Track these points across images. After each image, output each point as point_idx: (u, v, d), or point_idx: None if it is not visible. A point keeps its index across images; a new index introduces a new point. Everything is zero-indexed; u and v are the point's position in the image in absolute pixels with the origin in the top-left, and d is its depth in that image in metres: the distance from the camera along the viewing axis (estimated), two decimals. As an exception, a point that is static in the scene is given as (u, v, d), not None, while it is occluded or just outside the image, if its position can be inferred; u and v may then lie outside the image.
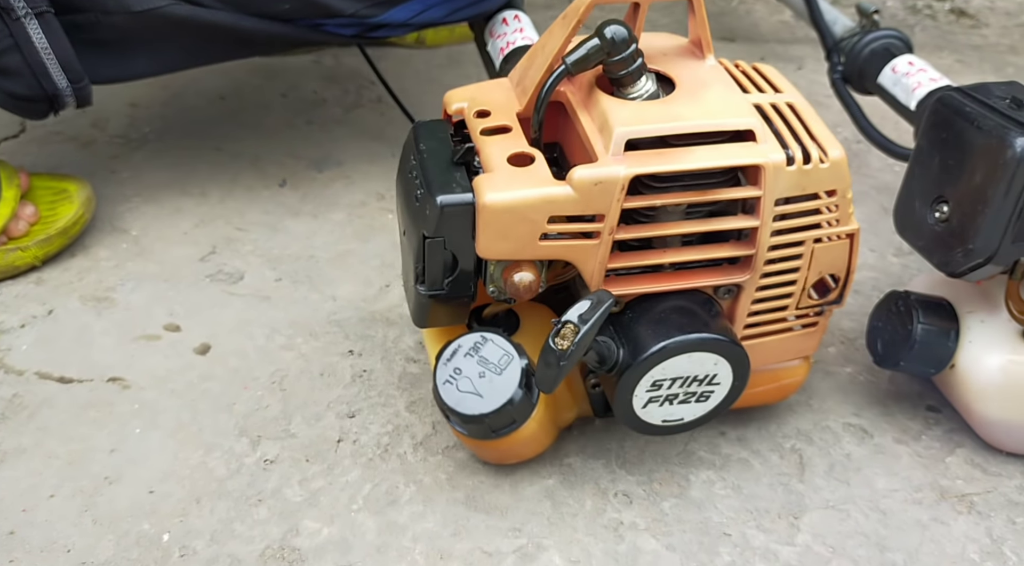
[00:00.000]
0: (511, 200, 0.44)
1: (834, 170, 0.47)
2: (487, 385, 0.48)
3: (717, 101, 0.48)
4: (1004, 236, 0.49)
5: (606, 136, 0.45)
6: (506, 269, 0.47)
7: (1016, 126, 0.48)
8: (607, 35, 0.46)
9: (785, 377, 0.57)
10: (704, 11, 0.49)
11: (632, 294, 0.49)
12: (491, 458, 0.54)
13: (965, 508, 0.54)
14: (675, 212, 0.48)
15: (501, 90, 0.51)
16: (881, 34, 0.85)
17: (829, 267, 0.51)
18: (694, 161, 0.45)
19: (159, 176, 0.81)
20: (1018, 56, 1.22)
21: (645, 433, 0.51)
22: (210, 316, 0.65)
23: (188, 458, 0.54)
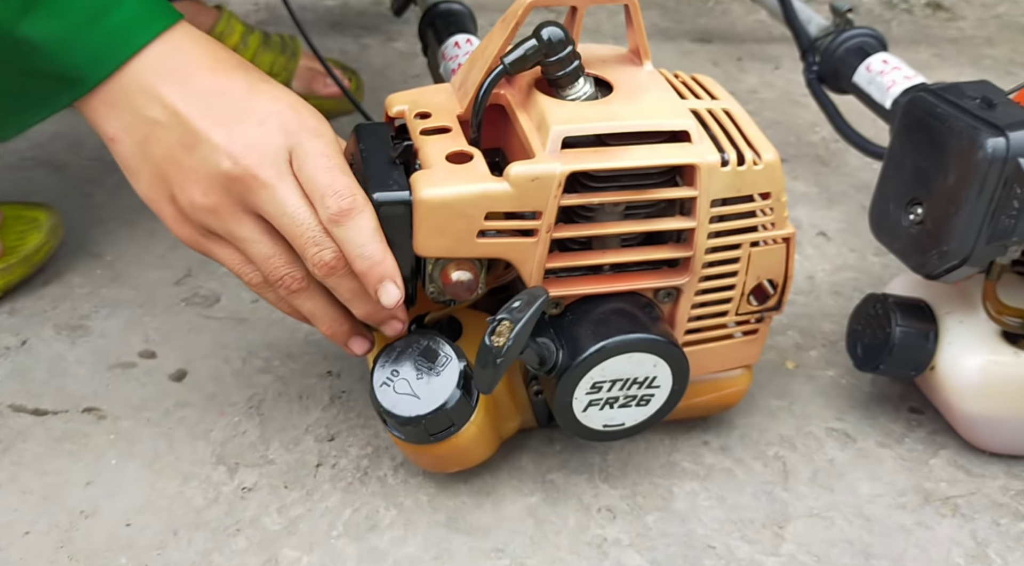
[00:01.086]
0: (448, 195, 0.44)
1: (768, 172, 0.48)
2: (424, 387, 0.48)
3: (654, 103, 0.48)
4: (978, 237, 0.49)
5: (543, 134, 0.46)
6: (445, 268, 0.47)
7: (987, 127, 0.48)
8: (544, 36, 0.46)
9: (727, 387, 0.56)
10: (640, 18, 0.50)
11: (572, 296, 0.49)
12: (430, 465, 0.53)
13: (949, 511, 0.54)
14: (613, 212, 0.48)
15: (443, 94, 0.52)
16: (855, 33, 0.85)
17: (767, 272, 0.51)
18: (630, 159, 0.46)
19: (134, 199, 0.79)
20: (994, 48, 1.22)
21: (587, 439, 0.51)
22: (186, 341, 0.64)
23: (165, 488, 0.53)
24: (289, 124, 0.46)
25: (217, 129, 0.45)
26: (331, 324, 0.50)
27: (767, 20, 1.28)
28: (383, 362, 0.49)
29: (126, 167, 0.49)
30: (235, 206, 0.46)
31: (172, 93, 0.46)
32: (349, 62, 1.10)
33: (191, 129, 0.45)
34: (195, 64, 0.47)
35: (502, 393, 0.53)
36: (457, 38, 0.73)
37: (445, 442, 0.49)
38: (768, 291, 0.52)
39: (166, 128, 0.46)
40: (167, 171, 0.47)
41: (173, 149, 0.46)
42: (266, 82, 0.48)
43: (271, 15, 1.22)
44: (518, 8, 0.46)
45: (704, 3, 1.36)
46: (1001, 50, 1.22)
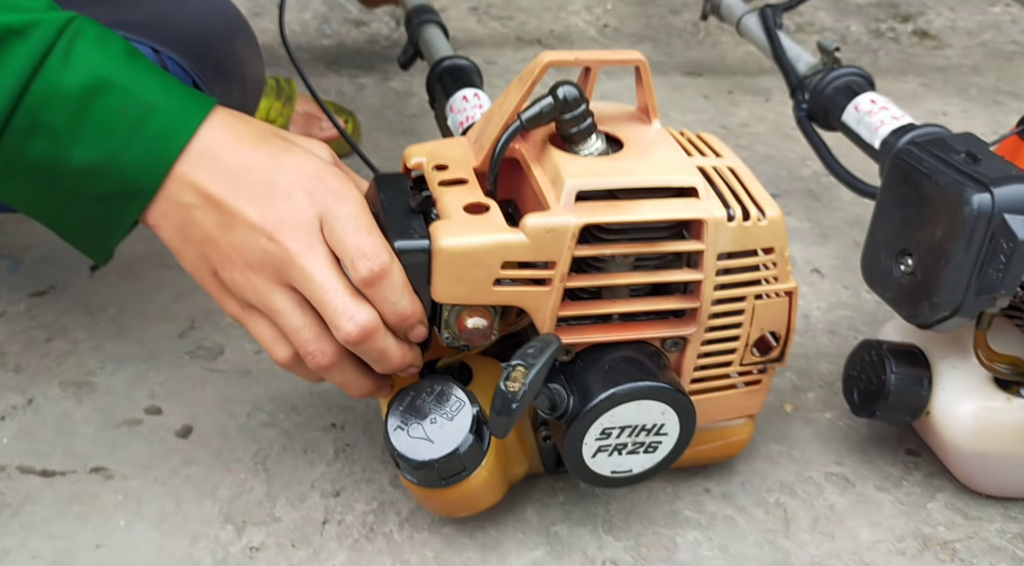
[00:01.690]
0: (466, 245, 0.46)
1: (772, 228, 0.50)
2: (438, 431, 0.49)
3: (663, 160, 0.51)
4: (967, 290, 0.50)
5: (558, 187, 0.48)
6: (460, 314, 0.48)
7: (972, 182, 0.49)
8: (559, 94, 0.49)
9: (732, 435, 0.58)
10: (650, 78, 0.52)
11: (582, 343, 0.50)
12: (440, 510, 0.54)
13: (948, 556, 0.54)
14: (623, 264, 0.50)
15: (459, 147, 0.54)
16: (843, 72, 0.86)
17: (770, 324, 0.52)
18: (641, 213, 0.48)
19: (136, 249, 0.81)
20: (980, 77, 1.24)
21: (595, 485, 0.52)
22: (191, 396, 0.65)
23: (174, 550, 0.54)
24: (315, 193, 0.47)
25: (250, 208, 0.47)
26: (359, 388, 0.51)
27: (757, 52, 1.29)
28: (397, 406, 0.51)
29: (170, 248, 0.51)
30: (271, 280, 0.47)
31: (202, 177, 0.47)
32: (346, 102, 1.12)
33: (226, 210, 0.47)
34: (219, 144, 0.48)
35: (511, 438, 0.54)
36: (464, 92, 0.76)
37: (457, 486, 0.50)
38: (771, 343, 0.54)
39: (201, 211, 0.47)
40: (208, 251, 0.48)
41: (211, 231, 0.48)
42: (287, 152, 0.49)
43: (269, 55, 1.23)
44: (535, 67, 0.49)
45: (694, 36, 1.38)
46: (987, 78, 1.24)
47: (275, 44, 1.26)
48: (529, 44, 1.32)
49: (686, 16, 1.44)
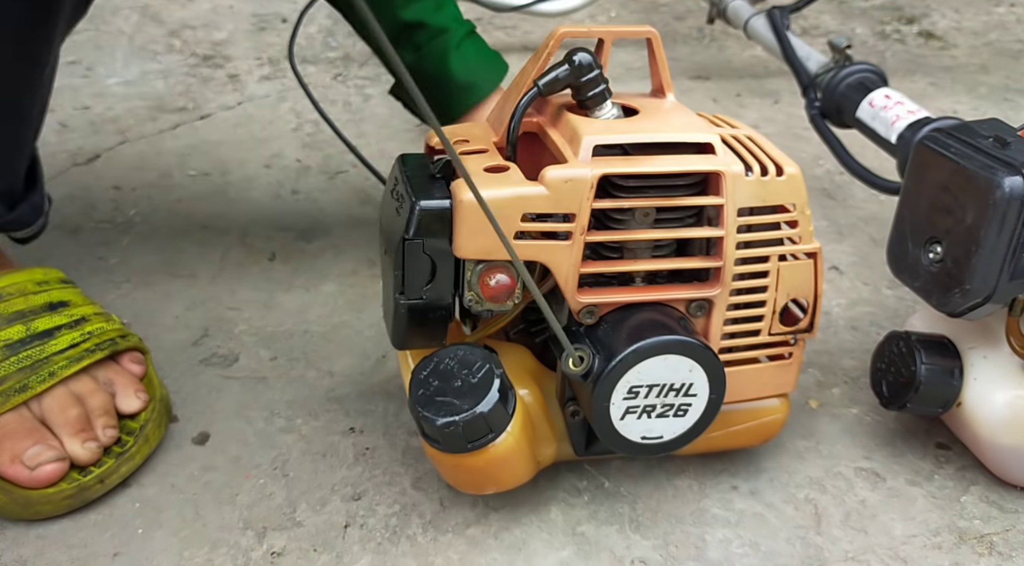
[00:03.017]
0: (487, 196, 0.46)
1: (791, 184, 0.50)
2: (462, 393, 0.49)
3: (678, 121, 0.52)
4: (1000, 275, 0.49)
5: (575, 144, 0.49)
6: (483, 273, 0.49)
7: (1003, 166, 0.48)
8: (575, 59, 0.50)
9: (765, 415, 0.57)
10: (663, 52, 0.53)
11: (606, 305, 0.50)
12: (466, 482, 0.53)
13: (985, 550, 0.53)
14: (644, 221, 0.50)
15: (479, 127, 0.55)
16: (855, 68, 0.86)
17: (796, 289, 0.52)
18: (658, 165, 0.49)
19: (148, 259, 0.80)
20: (989, 75, 1.24)
21: (624, 451, 0.51)
22: (207, 403, 0.64)
23: (194, 557, 0.52)
24: None
25: None
26: None
27: (764, 55, 1.29)
28: (420, 371, 0.50)
29: None
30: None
31: None
32: (353, 113, 1.12)
33: None
34: None
35: (539, 415, 0.54)
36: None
37: (482, 452, 0.49)
38: (797, 315, 0.53)
39: None
40: None
41: None
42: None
43: (275, 69, 1.23)
44: (549, 39, 0.51)
45: (700, 41, 1.38)
46: (995, 77, 1.24)
47: (281, 58, 1.27)
48: (535, 51, 1.32)
49: (691, 22, 1.44)
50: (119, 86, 1.16)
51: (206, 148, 1.01)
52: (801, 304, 0.54)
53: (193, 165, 0.97)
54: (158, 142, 1.02)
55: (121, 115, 1.08)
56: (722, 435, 0.55)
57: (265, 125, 1.07)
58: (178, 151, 1.00)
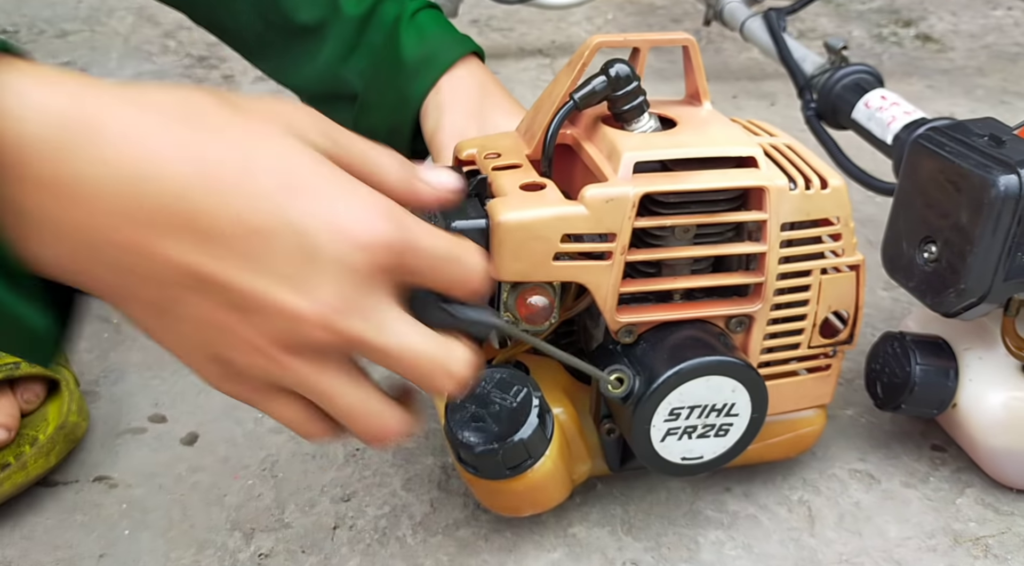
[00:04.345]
0: (525, 219, 0.45)
1: (835, 197, 0.49)
2: (500, 419, 0.48)
3: (719, 133, 0.50)
4: (995, 275, 0.48)
5: (615, 161, 0.47)
6: (520, 294, 0.47)
7: (998, 164, 0.48)
8: (612, 72, 0.48)
9: (802, 427, 0.56)
10: (700, 59, 0.51)
11: (644, 323, 0.49)
12: (504, 506, 0.52)
13: (981, 552, 0.53)
14: (684, 238, 0.49)
15: (509, 138, 0.53)
16: (851, 70, 0.86)
17: (837, 301, 0.51)
18: (700, 182, 0.47)
19: (138, 259, 0.80)
20: (986, 78, 1.24)
21: (664, 472, 0.50)
22: (196, 403, 0.63)
23: (180, 558, 0.52)
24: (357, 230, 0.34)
25: (281, 292, 0.33)
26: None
27: (759, 57, 1.29)
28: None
29: (135, 322, 0.36)
30: (320, 362, 0.36)
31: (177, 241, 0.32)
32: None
33: (238, 294, 0.33)
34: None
35: (574, 434, 0.53)
36: None
37: (521, 478, 0.48)
38: (836, 326, 0.52)
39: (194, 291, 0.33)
40: (210, 337, 0.35)
41: (217, 314, 0.34)
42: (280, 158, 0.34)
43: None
44: (584, 50, 0.49)
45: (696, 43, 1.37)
46: (993, 80, 1.23)
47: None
48: (531, 55, 1.32)
49: (687, 25, 1.44)
50: (113, 86, 1.16)
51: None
52: (841, 314, 0.53)
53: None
54: (151, 142, 1.02)
55: (115, 115, 1.08)
56: (760, 447, 0.53)
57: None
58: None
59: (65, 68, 0.34)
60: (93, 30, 1.34)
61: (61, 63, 1.22)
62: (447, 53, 0.62)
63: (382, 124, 0.64)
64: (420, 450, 0.59)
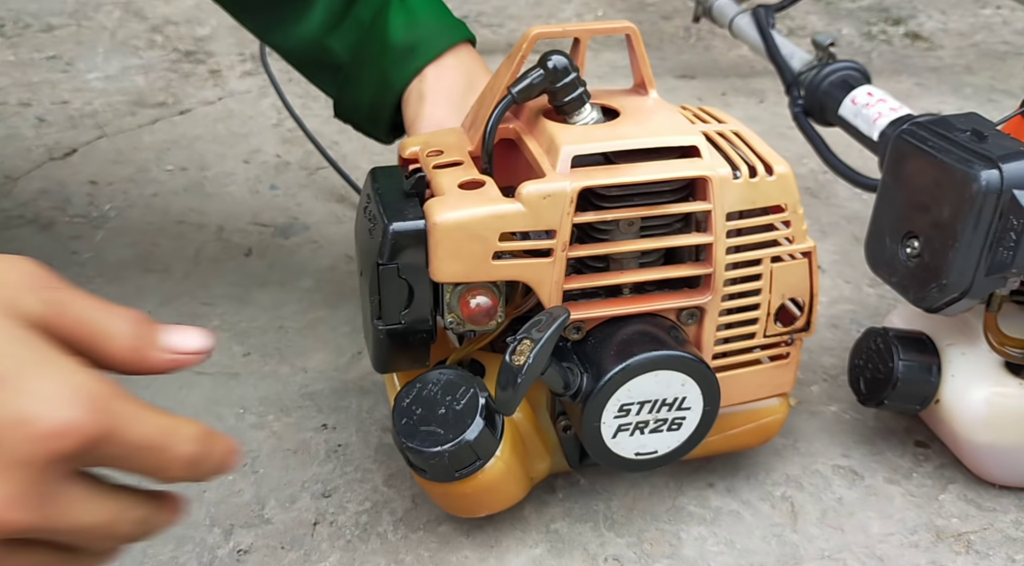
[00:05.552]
0: (461, 218, 0.45)
1: (781, 184, 0.48)
2: (447, 421, 0.47)
3: (661, 122, 0.50)
4: (977, 270, 0.48)
5: (553, 155, 0.47)
6: (463, 294, 0.47)
7: (979, 159, 0.47)
8: (549, 63, 0.48)
9: (764, 416, 0.55)
10: (643, 48, 0.51)
11: (593, 319, 0.49)
12: (458, 508, 0.51)
13: (963, 548, 0.53)
14: (629, 231, 0.48)
15: (454, 135, 0.53)
16: (838, 66, 0.85)
17: (791, 289, 0.51)
18: (640, 174, 0.47)
19: (121, 254, 0.79)
20: (974, 76, 1.24)
21: (619, 468, 0.50)
22: (178, 398, 0.63)
23: (158, 554, 0.51)
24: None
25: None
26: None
27: (749, 55, 1.29)
28: (403, 398, 0.48)
29: None
30: (55, 480, 0.31)
31: None
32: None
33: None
34: None
35: (530, 432, 0.52)
36: None
37: (472, 479, 0.48)
38: (794, 313, 0.52)
39: None
40: None
41: None
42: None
43: (256, 64, 1.22)
44: (523, 41, 0.48)
45: (686, 40, 1.37)
46: (981, 78, 1.23)
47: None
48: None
49: (677, 21, 1.43)
50: (99, 81, 1.15)
51: (185, 143, 1.00)
52: (799, 302, 0.52)
53: (171, 160, 0.96)
54: (136, 137, 1.01)
55: (100, 110, 1.07)
56: (721, 438, 0.53)
57: (245, 121, 1.06)
58: (156, 146, 0.99)
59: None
60: (79, 24, 1.33)
61: (47, 58, 1.21)
62: (435, 42, 0.61)
63: (364, 100, 0.64)
64: (402, 446, 0.59)
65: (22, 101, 1.08)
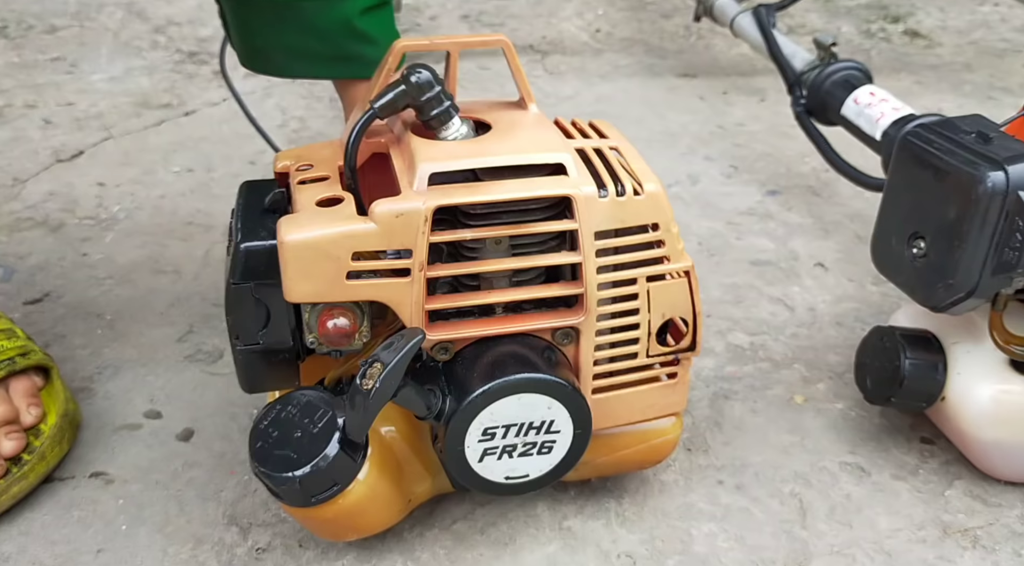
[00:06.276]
0: (311, 237, 0.43)
1: (651, 203, 0.47)
2: (302, 445, 0.45)
3: (529, 139, 0.48)
4: (983, 270, 0.49)
5: (411, 172, 0.45)
6: (321, 315, 0.45)
7: (985, 161, 0.48)
8: (412, 78, 0.46)
9: (655, 437, 0.54)
10: (517, 61, 0.49)
11: (462, 339, 0.47)
12: (323, 531, 0.50)
13: (969, 543, 0.53)
14: (498, 250, 0.47)
15: (329, 148, 0.51)
16: (841, 66, 0.86)
17: (672, 308, 0.49)
18: (500, 192, 0.45)
19: (131, 256, 0.80)
20: (973, 74, 1.25)
21: (490, 493, 0.48)
22: (191, 399, 0.64)
23: (178, 553, 0.52)
24: None
25: None
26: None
27: (750, 54, 1.30)
28: (261, 420, 0.46)
29: None
30: None
31: None
32: (338, 109, 1.11)
33: None
34: None
35: (407, 453, 0.51)
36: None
37: (331, 504, 0.46)
38: (682, 329, 0.51)
39: None
40: None
41: None
42: None
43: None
44: (388, 55, 0.47)
45: (686, 39, 1.38)
46: (980, 75, 1.24)
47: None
48: (522, 50, 1.32)
49: (677, 20, 1.44)
50: (104, 82, 1.16)
51: (191, 144, 1.00)
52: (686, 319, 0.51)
53: (177, 162, 0.97)
54: (142, 138, 1.02)
55: (105, 111, 1.08)
56: (611, 460, 0.53)
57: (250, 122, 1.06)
58: (162, 147, 1.00)
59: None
60: (82, 25, 1.33)
61: (52, 59, 1.22)
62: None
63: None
64: (415, 445, 0.60)
65: (28, 103, 1.09)
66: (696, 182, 0.96)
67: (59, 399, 0.59)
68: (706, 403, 0.64)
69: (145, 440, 0.60)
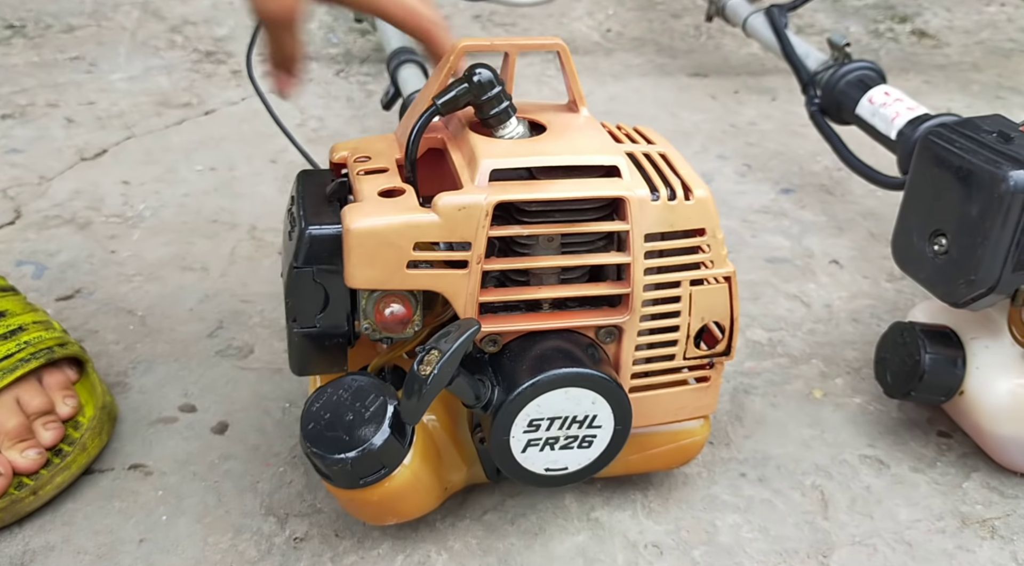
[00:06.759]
0: (376, 225, 0.45)
1: (700, 208, 0.48)
2: (353, 427, 0.46)
3: (585, 141, 0.49)
4: (1004, 266, 0.51)
5: (472, 168, 0.47)
6: (378, 302, 0.47)
7: (1007, 160, 0.50)
8: (474, 78, 0.47)
9: (684, 438, 0.55)
10: (573, 65, 0.50)
11: (510, 333, 0.49)
12: (364, 514, 0.52)
13: (988, 533, 0.55)
14: (550, 247, 0.49)
15: (384, 141, 0.53)
16: (855, 66, 0.88)
17: (711, 313, 0.50)
18: (557, 191, 0.46)
19: (158, 253, 0.81)
20: (981, 73, 1.26)
21: (529, 484, 0.50)
22: (224, 393, 0.65)
23: (218, 542, 0.54)
24: None
25: None
26: None
27: (760, 53, 1.31)
28: (312, 403, 0.48)
29: None
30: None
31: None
32: (356, 108, 1.13)
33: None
34: None
35: (446, 442, 0.52)
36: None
37: (377, 487, 0.47)
38: (717, 336, 0.52)
39: None
40: None
41: None
42: None
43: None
44: (450, 54, 0.48)
45: (697, 39, 1.39)
46: (988, 75, 1.26)
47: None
48: (534, 51, 1.33)
49: (687, 20, 1.45)
50: (123, 82, 1.17)
51: (212, 143, 1.02)
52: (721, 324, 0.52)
53: (199, 160, 0.98)
54: (164, 137, 1.03)
55: (126, 110, 1.09)
56: (639, 458, 0.54)
57: (270, 121, 1.07)
58: (184, 146, 1.01)
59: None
60: (99, 25, 1.34)
61: (71, 58, 1.23)
62: None
63: None
64: (445, 438, 0.61)
65: (50, 102, 1.10)
66: (711, 180, 0.97)
67: (96, 392, 0.60)
68: (727, 398, 0.66)
69: (181, 433, 0.62)
